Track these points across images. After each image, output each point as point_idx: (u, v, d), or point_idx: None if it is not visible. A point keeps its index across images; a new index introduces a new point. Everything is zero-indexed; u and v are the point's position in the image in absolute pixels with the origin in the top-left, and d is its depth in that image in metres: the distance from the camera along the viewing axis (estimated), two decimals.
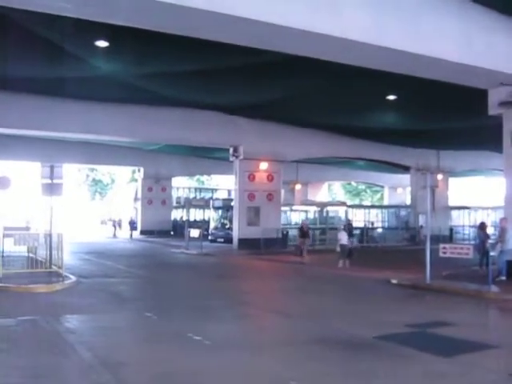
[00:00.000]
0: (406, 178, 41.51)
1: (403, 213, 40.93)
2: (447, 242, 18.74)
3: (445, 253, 15.75)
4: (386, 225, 40.54)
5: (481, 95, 17.58)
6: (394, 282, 17.28)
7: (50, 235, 17.62)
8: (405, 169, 38.93)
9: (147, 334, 10.17)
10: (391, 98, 23.21)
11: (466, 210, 42.65)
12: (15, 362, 8.12)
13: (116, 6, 9.37)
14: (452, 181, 41.82)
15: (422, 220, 34.72)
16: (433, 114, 25.47)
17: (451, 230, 39.47)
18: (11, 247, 17.58)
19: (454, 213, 42.22)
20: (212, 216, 39.74)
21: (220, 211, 39.38)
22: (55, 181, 17.78)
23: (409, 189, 44.11)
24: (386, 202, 55.53)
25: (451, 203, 41.04)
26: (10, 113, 24.42)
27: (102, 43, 16.68)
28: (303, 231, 25.58)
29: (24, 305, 12.82)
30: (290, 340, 9.76)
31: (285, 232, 31.81)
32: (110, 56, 18.35)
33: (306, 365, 8.11)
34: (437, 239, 20.48)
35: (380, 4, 11.70)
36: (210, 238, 36.23)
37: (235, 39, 11.91)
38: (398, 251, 19.53)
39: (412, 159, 37.03)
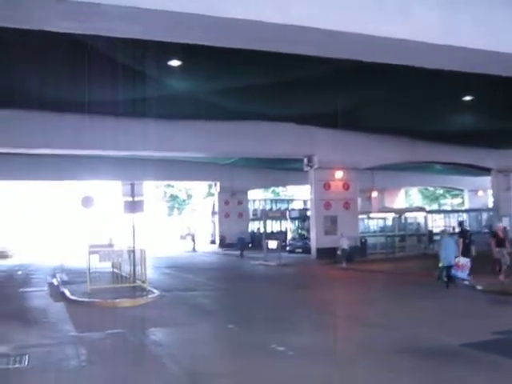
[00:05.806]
0: (487, 180, 40.16)
1: (485, 216, 39.57)
2: None
3: None
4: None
5: None
6: (480, 288, 16.71)
7: (133, 251, 18.15)
8: (485, 171, 37.63)
9: (231, 346, 10.30)
10: (467, 98, 22.59)
11: None
12: (105, 374, 8.42)
13: (185, 27, 9.56)
14: None
15: (506, 222, 33.47)
16: None
17: None
18: (97, 264, 18.27)
19: None
20: (289, 227, 39.74)
21: (297, 221, 39.31)
22: (136, 198, 18.34)
23: (490, 191, 42.61)
24: (466, 206, 53.83)
25: None
26: (95, 135, 25.49)
27: (174, 62, 17.15)
28: (498, 237, 18.26)
29: (111, 319, 13.24)
30: (374, 350, 9.60)
31: (363, 240, 31.39)
32: (183, 74, 18.85)
33: (390, 375, 7.98)
34: None
35: (449, 2, 11.43)
36: (287, 248, 36.22)
37: (305, 50, 11.92)
38: (483, 256, 18.79)
39: (492, 160, 35.75)
